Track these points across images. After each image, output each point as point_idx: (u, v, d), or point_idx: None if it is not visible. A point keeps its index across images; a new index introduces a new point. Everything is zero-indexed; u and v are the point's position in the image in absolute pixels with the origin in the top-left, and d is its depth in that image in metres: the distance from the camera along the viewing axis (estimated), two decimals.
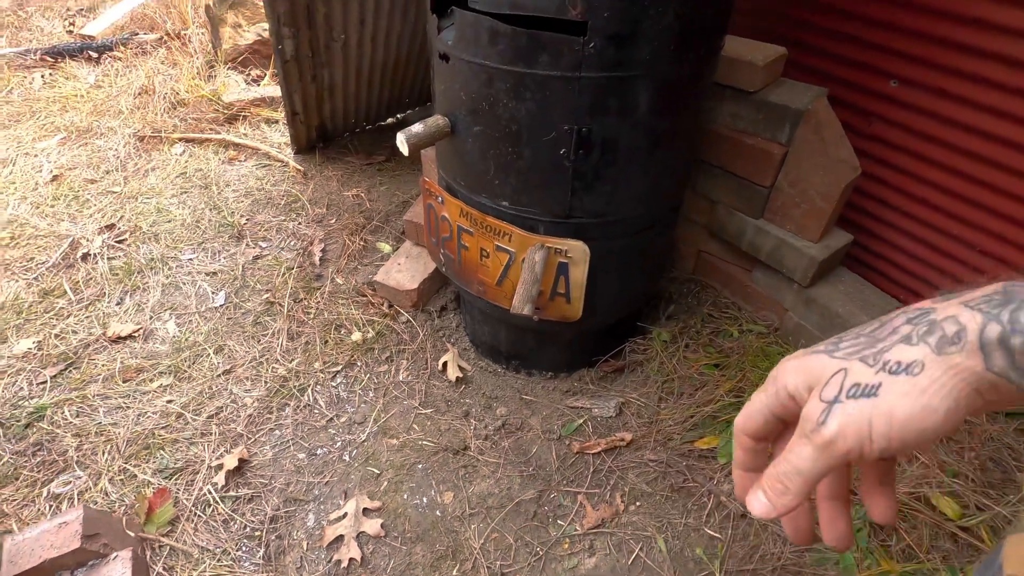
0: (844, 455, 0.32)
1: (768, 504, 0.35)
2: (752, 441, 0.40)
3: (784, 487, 0.34)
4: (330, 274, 1.88)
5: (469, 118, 1.11)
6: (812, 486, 0.34)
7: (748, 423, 0.39)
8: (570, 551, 1.22)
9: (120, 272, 1.87)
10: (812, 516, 0.40)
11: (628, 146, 1.08)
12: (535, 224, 1.18)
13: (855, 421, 0.31)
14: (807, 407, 0.34)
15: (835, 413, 0.32)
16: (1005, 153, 1.18)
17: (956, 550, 1.13)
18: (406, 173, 2.36)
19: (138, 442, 1.39)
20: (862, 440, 0.31)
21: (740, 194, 1.49)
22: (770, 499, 0.35)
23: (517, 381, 1.56)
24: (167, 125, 2.63)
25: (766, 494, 0.35)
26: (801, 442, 0.33)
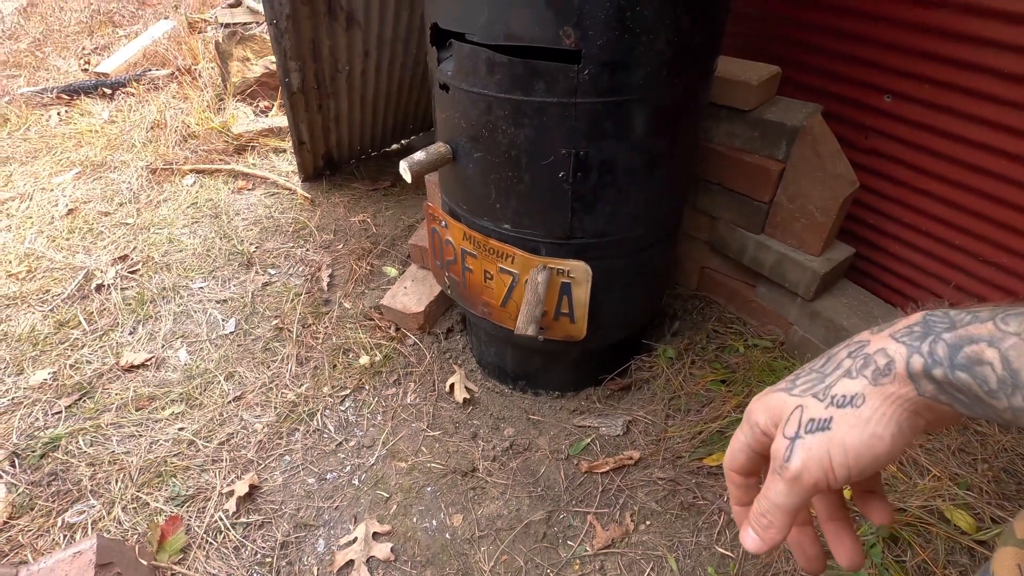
0: (813, 487, 0.34)
1: (758, 539, 0.37)
2: (741, 478, 0.42)
3: (768, 522, 0.37)
4: (338, 299, 1.91)
5: (470, 145, 1.14)
6: (793, 517, 0.36)
7: (733, 462, 0.42)
8: (581, 572, 1.21)
9: (133, 302, 1.91)
10: (819, 541, 0.41)
11: (626, 168, 1.10)
12: (537, 246, 1.20)
13: (816, 455, 0.34)
14: (774, 444, 0.37)
15: (797, 449, 0.35)
16: (999, 163, 1.19)
17: (973, 565, 1.11)
18: (411, 198, 2.40)
19: (150, 470, 1.41)
20: (825, 471, 0.34)
21: (740, 210, 1.51)
22: (759, 535, 0.37)
23: (524, 401, 1.57)
24: (178, 157, 2.70)
25: (754, 530, 0.37)
26: (774, 479, 0.36)
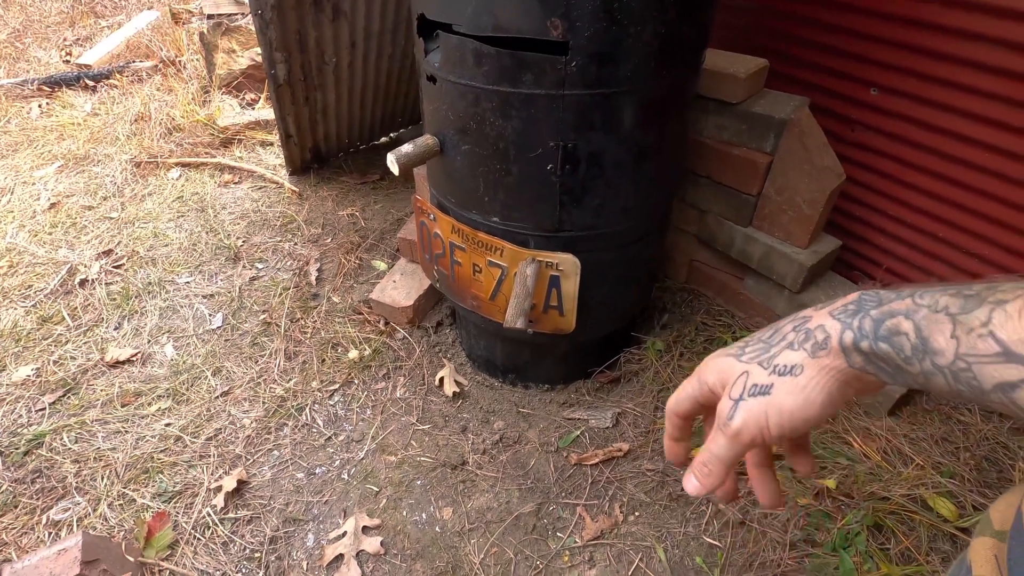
0: (750, 442, 0.41)
1: (698, 484, 0.44)
2: (680, 420, 0.49)
3: (708, 471, 0.43)
4: (326, 293, 1.89)
5: (457, 137, 1.13)
6: (730, 468, 0.43)
7: (678, 407, 0.48)
8: (570, 564, 1.22)
9: (118, 297, 1.89)
10: (776, 481, 0.48)
11: (614, 160, 1.10)
12: (525, 239, 1.20)
13: (755, 416, 0.40)
14: (720, 404, 0.43)
15: (740, 410, 0.41)
16: (983, 156, 1.21)
17: (954, 551, 1.13)
18: (400, 191, 2.39)
19: (137, 466, 1.39)
20: (761, 429, 0.40)
21: (729, 203, 1.51)
22: (700, 480, 0.44)
23: (514, 395, 1.57)
24: (163, 150, 2.66)
25: (696, 477, 0.44)
26: (717, 434, 0.42)
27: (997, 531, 0.42)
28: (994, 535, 0.42)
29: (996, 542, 0.41)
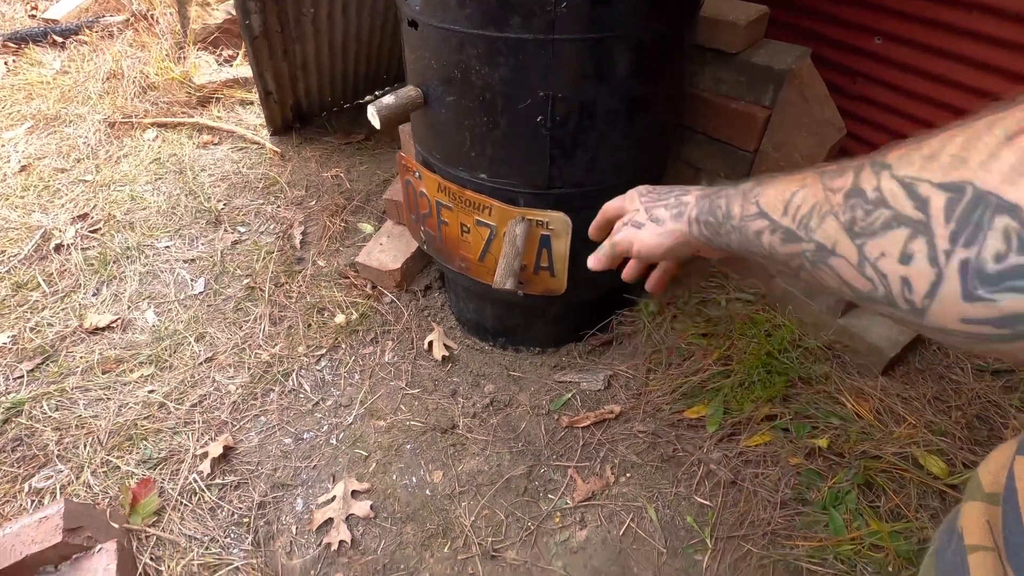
0: (623, 252, 0.61)
1: (594, 261, 0.65)
2: (604, 219, 0.66)
3: (599, 258, 0.64)
4: (311, 257, 1.84)
5: (442, 88, 1.07)
6: (612, 262, 0.64)
7: (606, 209, 0.65)
8: (561, 524, 1.21)
9: (95, 262, 1.83)
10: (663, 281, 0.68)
11: (607, 112, 1.05)
12: (515, 196, 1.15)
13: (627, 238, 0.60)
14: (617, 223, 0.63)
15: (622, 231, 0.61)
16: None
17: (944, 508, 1.13)
18: (386, 152, 2.31)
19: (120, 433, 1.37)
20: (629, 247, 0.60)
21: (724, 160, 1.46)
22: (596, 261, 0.65)
23: (504, 358, 1.55)
24: (138, 110, 2.55)
25: (595, 259, 0.65)
26: (608, 240, 0.63)
27: (988, 494, 0.38)
28: (985, 499, 0.38)
29: (987, 506, 0.38)
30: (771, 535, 1.15)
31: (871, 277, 0.32)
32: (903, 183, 0.30)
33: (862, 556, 1.09)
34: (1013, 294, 0.25)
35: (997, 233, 0.26)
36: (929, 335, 0.32)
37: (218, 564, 1.15)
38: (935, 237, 0.28)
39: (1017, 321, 0.26)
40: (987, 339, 0.28)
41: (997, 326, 0.27)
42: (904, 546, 1.08)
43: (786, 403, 1.32)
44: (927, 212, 0.29)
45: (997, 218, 0.26)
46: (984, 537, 0.37)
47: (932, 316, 0.29)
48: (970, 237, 0.27)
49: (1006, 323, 0.26)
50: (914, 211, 0.29)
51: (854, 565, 1.09)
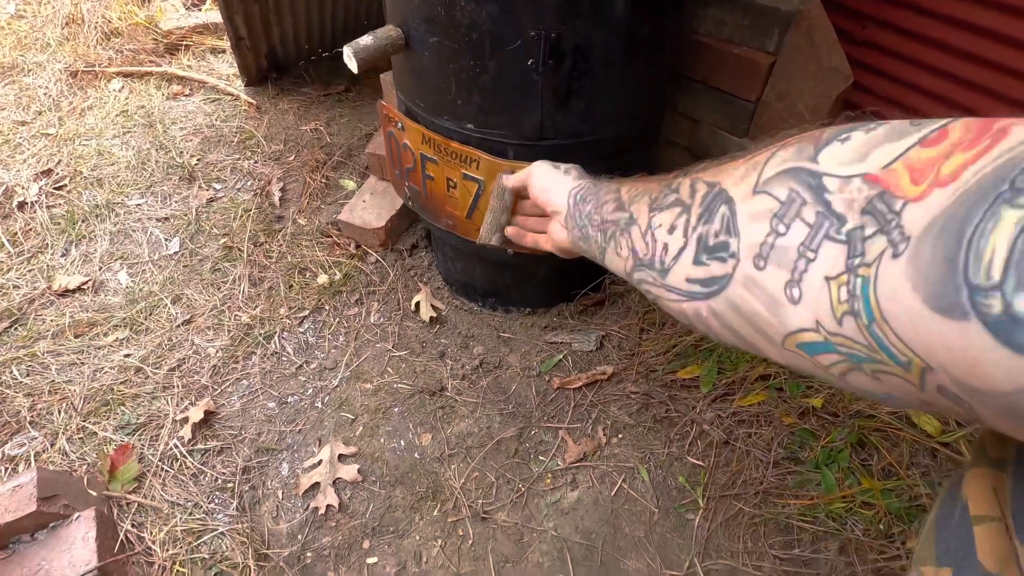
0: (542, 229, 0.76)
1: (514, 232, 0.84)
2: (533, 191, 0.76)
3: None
4: (291, 215, 1.76)
5: (424, 27, 0.98)
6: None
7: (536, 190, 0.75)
8: (552, 486, 1.20)
9: (62, 221, 1.74)
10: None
11: (604, 55, 0.97)
12: (504, 148, 1.08)
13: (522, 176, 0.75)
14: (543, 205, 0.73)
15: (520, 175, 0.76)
16: (1012, 55, 1.10)
17: (935, 465, 1.13)
18: (367, 104, 2.20)
19: (96, 399, 1.32)
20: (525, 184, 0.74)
21: (725, 111, 1.39)
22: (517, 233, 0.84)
23: (494, 319, 1.51)
24: (101, 58, 2.39)
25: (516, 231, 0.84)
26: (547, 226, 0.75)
27: (994, 459, 0.36)
28: (991, 464, 0.36)
29: (994, 472, 0.35)
30: (763, 494, 1.15)
31: (648, 242, 0.42)
32: (692, 180, 0.40)
33: (853, 513, 1.09)
34: (717, 262, 0.34)
35: (717, 217, 0.35)
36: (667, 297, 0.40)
37: (202, 530, 1.12)
38: (691, 215, 0.37)
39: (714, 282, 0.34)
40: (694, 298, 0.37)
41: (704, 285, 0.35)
42: (895, 503, 1.08)
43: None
44: (693, 198, 0.38)
45: (722, 206, 0.35)
46: (990, 506, 0.34)
47: (671, 276, 0.39)
48: (707, 218, 0.36)
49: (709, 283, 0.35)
50: (688, 197, 0.39)
51: (845, 522, 1.09)
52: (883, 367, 0.25)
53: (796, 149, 0.32)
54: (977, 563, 0.30)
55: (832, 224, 0.28)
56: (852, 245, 0.26)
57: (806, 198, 0.29)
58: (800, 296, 0.29)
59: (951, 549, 0.33)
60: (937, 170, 0.24)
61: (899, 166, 0.26)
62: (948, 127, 0.25)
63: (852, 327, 0.26)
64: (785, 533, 1.10)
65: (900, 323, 0.23)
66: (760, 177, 0.33)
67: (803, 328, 0.29)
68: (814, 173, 0.30)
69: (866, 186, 0.27)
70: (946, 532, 0.36)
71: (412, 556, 1.11)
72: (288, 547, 1.11)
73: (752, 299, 0.32)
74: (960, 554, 0.32)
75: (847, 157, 0.29)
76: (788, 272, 0.29)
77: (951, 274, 0.20)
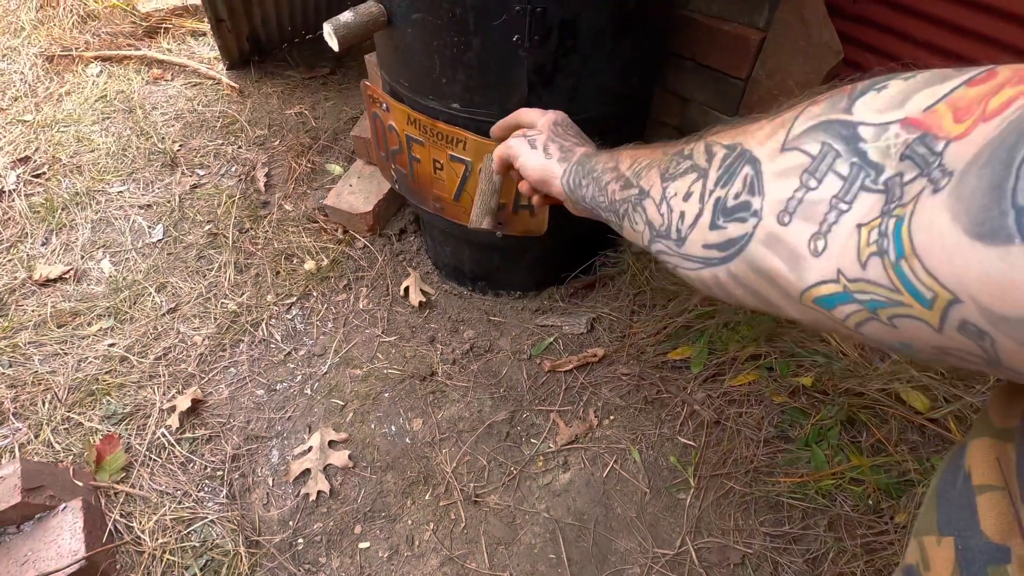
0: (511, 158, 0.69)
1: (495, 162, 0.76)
2: (515, 122, 0.76)
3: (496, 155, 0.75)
4: (277, 200, 1.74)
5: (407, 3, 0.96)
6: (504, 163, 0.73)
7: (522, 117, 0.75)
8: (544, 468, 1.20)
9: (42, 210, 1.70)
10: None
11: (591, 30, 0.95)
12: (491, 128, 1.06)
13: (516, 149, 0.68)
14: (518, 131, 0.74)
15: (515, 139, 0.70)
16: (1006, 29, 1.08)
17: (924, 441, 1.14)
18: (352, 87, 2.16)
19: (81, 389, 1.30)
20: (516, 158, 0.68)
21: (715, 89, 1.37)
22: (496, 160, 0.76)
23: (484, 303, 1.50)
24: (78, 42, 2.33)
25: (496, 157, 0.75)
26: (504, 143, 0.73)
27: (999, 429, 0.35)
28: (995, 434, 0.35)
29: (997, 443, 0.35)
30: (753, 472, 1.15)
31: (663, 212, 0.40)
32: (706, 143, 0.38)
33: (842, 490, 1.10)
34: (736, 223, 0.32)
35: (739, 178, 0.33)
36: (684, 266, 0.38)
37: (192, 518, 1.11)
38: (708, 180, 0.36)
39: (731, 244, 0.33)
40: (710, 263, 0.35)
41: (720, 249, 0.34)
42: (884, 479, 1.09)
43: (771, 342, 1.30)
44: (710, 163, 0.36)
45: (745, 167, 0.33)
46: (994, 476, 0.34)
47: (687, 244, 0.37)
48: (726, 181, 0.34)
49: (726, 246, 0.33)
50: (704, 161, 0.37)
51: (834, 499, 1.10)
52: (902, 310, 0.25)
53: (828, 103, 0.30)
54: (980, 532, 0.30)
55: (868, 174, 0.27)
56: (890, 192, 0.26)
57: (840, 150, 0.28)
58: (824, 247, 0.28)
59: (953, 519, 0.33)
60: (984, 106, 0.23)
61: (942, 107, 0.25)
62: (996, 69, 0.24)
63: (877, 267, 0.25)
64: (775, 510, 1.11)
65: (932, 254, 0.22)
66: (789, 134, 0.31)
67: (823, 280, 0.28)
68: (847, 123, 0.29)
69: (904, 131, 0.26)
70: (948, 502, 0.36)
71: (404, 540, 1.10)
72: (279, 534, 1.11)
73: (772, 256, 0.31)
74: (962, 524, 0.31)
75: (884, 105, 0.28)
76: (816, 224, 0.29)
77: (998, 199, 0.20)
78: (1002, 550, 0.29)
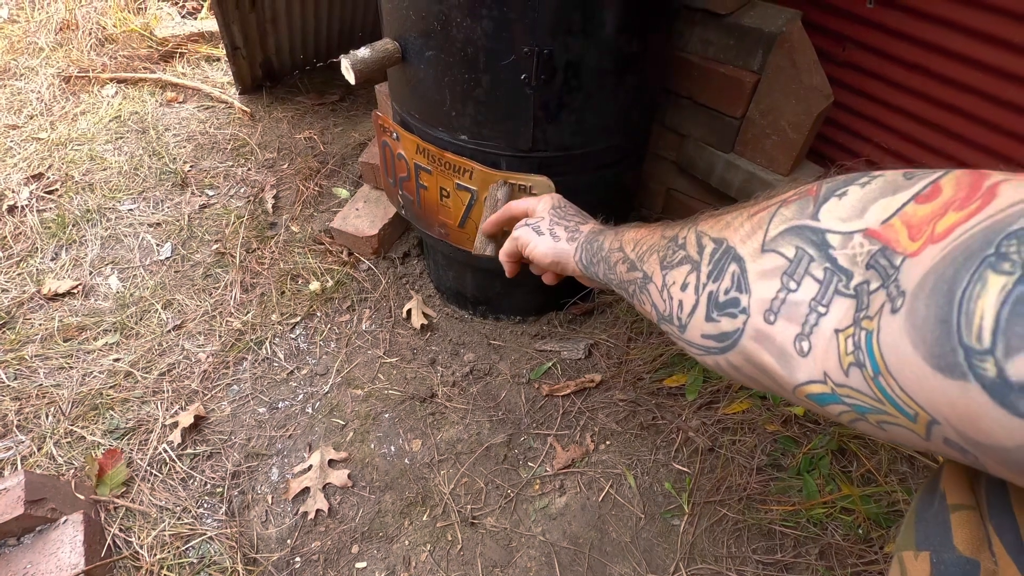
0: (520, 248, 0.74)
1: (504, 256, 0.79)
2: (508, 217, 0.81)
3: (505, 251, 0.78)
4: (284, 222, 1.78)
5: (420, 41, 1.01)
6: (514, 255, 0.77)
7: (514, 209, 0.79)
8: (541, 491, 1.22)
9: (53, 225, 1.73)
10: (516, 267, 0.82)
11: (594, 71, 1.01)
12: (497, 159, 1.11)
13: (524, 238, 0.72)
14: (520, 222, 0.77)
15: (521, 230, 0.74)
16: (983, 79, 1.15)
17: (912, 472, 1.17)
18: (361, 114, 2.23)
19: (84, 403, 1.31)
20: (524, 247, 0.72)
21: (711, 127, 1.43)
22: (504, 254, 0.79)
23: (484, 327, 1.53)
24: (95, 64, 2.40)
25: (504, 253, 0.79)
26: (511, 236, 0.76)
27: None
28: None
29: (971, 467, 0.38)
30: (747, 500, 1.17)
31: (666, 299, 0.42)
32: (697, 234, 0.41)
33: (833, 519, 1.12)
34: (727, 317, 0.35)
35: (727, 275, 0.36)
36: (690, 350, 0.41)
37: (191, 534, 1.12)
38: (700, 273, 0.39)
39: (726, 337, 0.36)
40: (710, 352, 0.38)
41: (717, 340, 0.37)
42: (874, 509, 1.11)
43: None
44: (701, 256, 0.39)
45: (732, 264, 0.36)
46: (966, 496, 0.37)
47: (688, 331, 0.40)
48: (716, 276, 0.37)
49: (722, 339, 0.36)
50: (696, 253, 0.40)
51: (825, 527, 1.11)
52: (888, 418, 0.26)
53: (797, 207, 0.33)
54: (953, 547, 0.32)
55: (840, 279, 0.29)
56: (860, 299, 0.27)
57: (813, 255, 0.31)
58: (809, 349, 0.30)
59: (930, 536, 0.35)
60: (932, 228, 0.25)
61: (896, 222, 0.27)
62: (940, 182, 0.26)
63: (859, 378, 0.27)
64: (768, 538, 1.13)
65: (904, 377, 0.24)
66: (766, 236, 0.34)
67: (811, 380, 0.30)
68: (816, 230, 0.31)
69: (867, 241, 0.28)
70: (925, 521, 0.39)
71: (401, 561, 1.11)
72: (277, 552, 1.12)
73: (763, 352, 0.33)
74: (938, 540, 0.34)
75: (846, 213, 0.30)
76: (798, 326, 0.30)
77: (947, 335, 0.21)
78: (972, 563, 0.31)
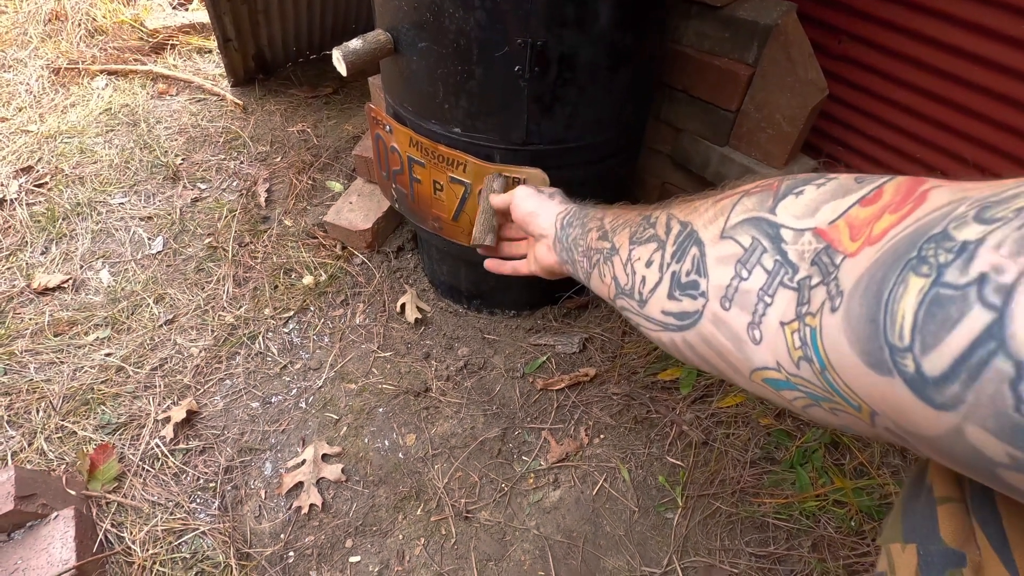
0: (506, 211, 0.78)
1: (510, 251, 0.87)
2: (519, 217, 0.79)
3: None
4: (277, 216, 1.76)
5: (413, 32, 1.00)
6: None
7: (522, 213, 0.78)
8: (535, 485, 1.22)
9: (43, 219, 1.72)
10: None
11: (588, 64, 1.00)
12: (490, 152, 1.10)
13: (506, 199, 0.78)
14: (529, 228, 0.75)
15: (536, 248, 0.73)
16: (978, 72, 1.15)
17: (904, 465, 1.17)
18: (355, 107, 2.21)
19: (75, 398, 1.30)
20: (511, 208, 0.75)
21: (706, 120, 1.43)
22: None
23: (479, 321, 1.52)
24: (85, 56, 2.37)
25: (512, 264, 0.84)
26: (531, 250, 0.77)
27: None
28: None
29: None
30: (740, 493, 1.18)
31: (628, 273, 0.44)
32: (668, 215, 0.43)
33: (826, 511, 1.12)
34: (689, 298, 0.37)
35: (689, 256, 0.38)
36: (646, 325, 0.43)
37: (183, 529, 1.12)
38: (665, 253, 0.40)
39: (687, 316, 0.37)
40: (668, 328, 0.40)
41: (678, 319, 0.38)
42: (866, 501, 1.11)
43: None
44: (668, 236, 0.41)
45: (693, 247, 0.37)
46: (953, 489, 0.37)
47: (648, 306, 0.42)
48: (680, 257, 0.39)
49: (682, 317, 0.38)
50: (663, 233, 0.42)
51: (818, 520, 1.12)
52: (838, 407, 0.28)
53: (758, 199, 0.35)
54: (939, 539, 0.33)
55: (787, 272, 0.30)
56: (801, 292, 0.29)
57: (766, 246, 0.32)
58: (761, 337, 0.31)
59: (917, 528, 0.36)
60: (870, 230, 0.26)
61: (841, 223, 0.29)
62: (883, 187, 0.28)
63: (808, 371, 0.28)
64: (761, 531, 1.13)
65: (845, 373, 0.25)
66: (727, 223, 0.36)
67: (766, 366, 0.32)
68: (772, 224, 0.33)
69: (815, 239, 0.30)
70: (912, 513, 0.39)
71: (395, 555, 1.11)
72: (270, 546, 1.11)
73: (720, 336, 0.35)
74: (924, 532, 0.34)
75: (800, 212, 0.32)
76: (749, 314, 0.32)
77: (875, 333, 0.22)
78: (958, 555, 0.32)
